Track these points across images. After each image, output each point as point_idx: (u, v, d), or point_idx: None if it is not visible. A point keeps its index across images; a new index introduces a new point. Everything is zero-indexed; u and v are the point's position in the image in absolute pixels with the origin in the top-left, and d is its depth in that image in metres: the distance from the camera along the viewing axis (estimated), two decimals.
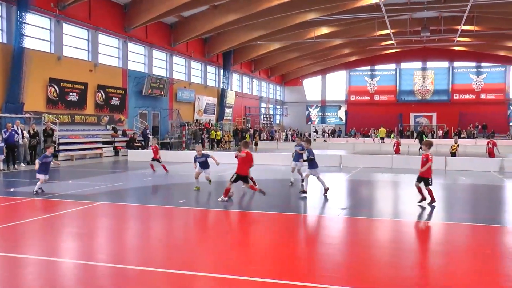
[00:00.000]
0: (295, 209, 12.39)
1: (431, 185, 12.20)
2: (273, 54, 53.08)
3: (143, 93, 35.40)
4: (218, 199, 12.42)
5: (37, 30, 26.68)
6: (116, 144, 31.13)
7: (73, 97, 28.91)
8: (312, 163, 13.59)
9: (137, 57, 36.14)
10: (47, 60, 27.20)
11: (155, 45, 37.55)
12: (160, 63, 39.31)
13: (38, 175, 13.70)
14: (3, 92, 24.31)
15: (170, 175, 19.16)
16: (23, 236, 8.94)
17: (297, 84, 69.00)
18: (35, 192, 13.37)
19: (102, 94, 31.42)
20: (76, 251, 7.93)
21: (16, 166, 21.56)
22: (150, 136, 32.97)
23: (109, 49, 32.93)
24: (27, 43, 24.94)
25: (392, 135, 52.18)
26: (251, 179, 13.42)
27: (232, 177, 12.50)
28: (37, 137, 23.72)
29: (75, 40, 29.93)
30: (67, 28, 29.04)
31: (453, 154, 25.27)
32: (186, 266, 6.89)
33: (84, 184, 16.05)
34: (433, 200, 12.08)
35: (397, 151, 32.12)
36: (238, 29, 41.08)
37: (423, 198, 12.16)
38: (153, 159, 20.33)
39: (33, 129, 23.68)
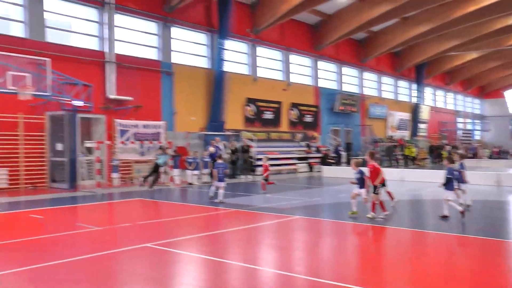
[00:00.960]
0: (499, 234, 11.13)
1: None
2: (470, 64, 49.54)
3: (334, 110, 35.70)
4: (379, 216, 11.72)
5: (235, 55, 28.67)
6: (310, 160, 31.76)
7: (268, 115, 30.39)
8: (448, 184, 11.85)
9: (327, 74, 36.65)
10: (245, 81, 29.05)
11: (345, 62, 37.71)
12: (350, 79, 39.31)
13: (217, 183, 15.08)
14: (208, 113, 26.55)
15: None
16: (227, 243, 9.47)
17: (498, 96, 63.07)
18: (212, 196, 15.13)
19: (295, 112, 32.47)
20: (274, 262, 8.11)
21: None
22: (342, 153, 33.03)
23: (300, 68, 33.97)
24: (227, 67, 26.95)
25: None
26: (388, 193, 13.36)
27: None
28: (236, 153, 25.31)
29: (269, 61, 31.49)
30: (261, 50, 30.72)
31: None
32: (381, 285, 6.55)
33: (280, 198, 16.55)
34: None
35: None
36: (430, 40, 39.20)
37: None
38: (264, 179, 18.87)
39: (233, 146, 25.33)
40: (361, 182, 12.33)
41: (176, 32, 25.66)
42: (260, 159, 27.91)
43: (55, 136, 19.73)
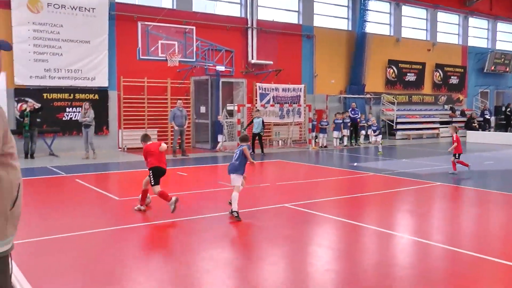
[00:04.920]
0: None
1: None
2: None
3: (484, 70, 33.13)
4: None
5: (377, 15, 27.71)
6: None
7: (410, 77, 29.18)
8: None
9: (478, 32, 33.96)
10: (386, 42, 28.06)
11: (500, 17, 34.55)
12: (505, 36, 35.98)
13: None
14: (348, 75, 26.24)
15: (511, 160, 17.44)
16: (364, 207, 9.49)
17: None
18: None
19: (440, 73, 30.76)
20: (411, 228, 7.99)
21: (358, 142, 23.17)
22: (490, 117, 30.76)
23: (448, 26, 31.87)
24: (369, 28, 26.21)
25: None
26: None
27: None
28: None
29: (414, 20, 29.98)
30: (406, 9, 29.31)
31: None
32: None
33: (420, 163, 16.03)
34: None
35: None
36: None
37: None
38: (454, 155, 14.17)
39: (370, 109, 24.85)
40: None
41: None
42: (400, 123, 27.16)
43: (199, 99, 20.97)
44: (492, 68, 33.29)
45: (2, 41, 2.58)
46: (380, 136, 20.26)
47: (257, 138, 19.04)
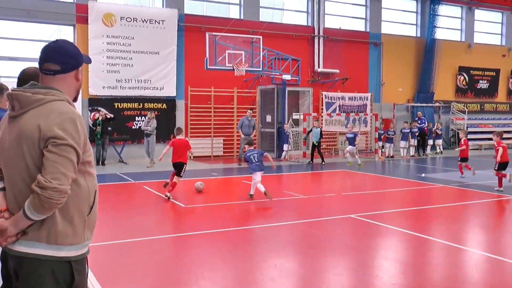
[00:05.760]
0: None
1: None
2: None
3: None
4: None
5: (448, 20, 26.87)
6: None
7: (483, 84, 28.04)
8: None
9: None
10: (457, 48, 27.13)
11: None
12: None
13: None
14: (416, 83, 25.58)
15: None
16: (432, 219, 9.19)
17: None
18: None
19: None
20: (483, 243, 7.66)
21: (426, 152, 22.50)
22: None
23: None
24: (438, 34, 25.47)
25: None
26: None
27: None
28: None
29: (487, 25, 28.83)
30: (479, 13, 28.25)
31: None
32: None
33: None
34: None
35: None
36: None
37: None
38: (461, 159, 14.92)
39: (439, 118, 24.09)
40: None
41: (386, 1, 25.00)
42: (471, 132, 26.12)
43: (265, 108, 21.10)
44: None
45: (84, 55, 2.74)
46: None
47: (316, 148, 18.80)
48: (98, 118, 17.30)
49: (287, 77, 19.72)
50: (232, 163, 18.20)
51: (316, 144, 18.60)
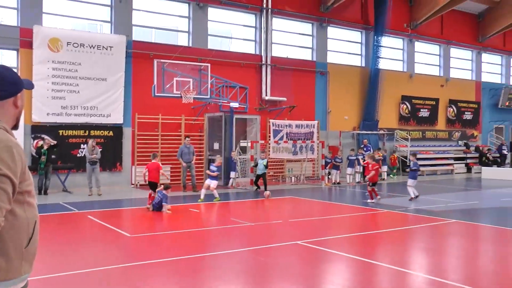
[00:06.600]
0: None
1: None
2: None
3: (499, 106, 33.00)
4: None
5: (390, 51, 27.93)
6: (468, 161, 29.84)
7: (424, 113, 29.15)
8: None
9: (492, 67, 34.01)
10: (400, 78, 28.18)
11: None
12: None
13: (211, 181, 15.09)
14: (361, 112, 26.30)
15: None
16: (378, 245, 9.38)
17: None
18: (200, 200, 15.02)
19: (453, 109, 30.71)
20: (426, 267, 7.86)
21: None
22: (508, 153, 30.48)
23: (461, 62, 31.98)
24: (382, 64, 26.39)
25: None
26: None
27: None
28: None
29: (427, 56, 30.16)
30: (419, 45, 29.54)
31: None
32: None
33: (435, 200, 15.86)
34: None
35: None
36: None
37: None
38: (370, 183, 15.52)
39: (384, 145, 24.78)
40: None
41: (332, 31, 25.77)
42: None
43: (213, 135, 21.10)
44: (507, 103, 33.15)
45: (26, 80, 2.67)
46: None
47: (261, 177, 18.64)
48: (43, 146, 16.71)
49: (235, 104, 19.86)
50: (179, 191, 18.03)
51: (261, 174, 18.40)
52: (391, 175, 24.75)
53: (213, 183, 15.09)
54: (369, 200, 15.02)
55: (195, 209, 13.69)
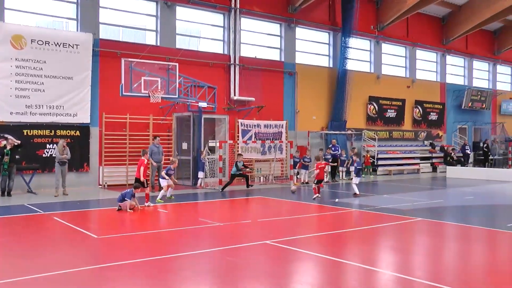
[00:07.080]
0: None
1: None
2: None
3: (462, 107, 33.79)
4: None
5: (358, 53, 28.26)
6: (433, 160, 30.47)
7: (391, 113, 29.62)
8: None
9: (455, 69, 34.80)
10: (367, 79, 28.55)
11: (475, 56, 35.51)
12: (481, 74, 36.90)
13: (161, 180, 15.61)
14: (329, 112, 26.53)
15: (491, 195, 17.65)
16: (346, 243, 9.48)
17: None
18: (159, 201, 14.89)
19: (419, 110, 31.31)
20: (393, 264, 7.99)
21: (336, 178, 23.28)
22: (470, 153, 31.24)
23: (426, 64, 32.63)
24: (350, 65, 26.68)
25: None
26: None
27: None
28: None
29: (393, 58, 30.65)
30: (386, 47, 29.99)
31: None
32: None
33: (401, 199, 16.12)
34: None
35: None
36: None
37: None
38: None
39: (351, 145, 25.09)
40: None
41: (300, 32, 25.91)
42: (381, 159, 27.42)
43: (181, 135, 20.98)
44: (469, 104, 33.97)
45: None
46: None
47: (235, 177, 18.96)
48: (6, 146, 16.30)
49: (203, 104, 19.78)
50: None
51: (235, 174, 18.74)
52: (363, 175, 24.98)
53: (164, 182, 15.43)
54: (314, 197, 15.88)
55: (164, 210, 13.58)
